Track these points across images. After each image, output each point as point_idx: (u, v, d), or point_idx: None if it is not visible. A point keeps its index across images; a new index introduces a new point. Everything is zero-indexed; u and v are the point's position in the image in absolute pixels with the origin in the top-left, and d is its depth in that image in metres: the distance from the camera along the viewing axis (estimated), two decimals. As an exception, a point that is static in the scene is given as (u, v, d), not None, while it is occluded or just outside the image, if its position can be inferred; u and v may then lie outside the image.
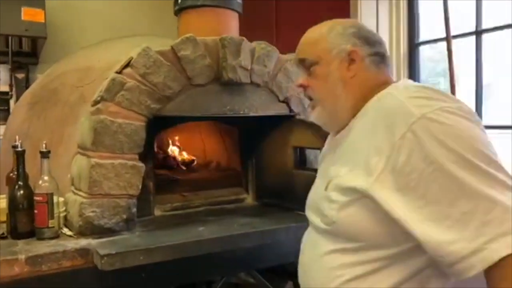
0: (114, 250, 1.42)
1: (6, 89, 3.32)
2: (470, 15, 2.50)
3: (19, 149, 1.56)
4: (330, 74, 1.06)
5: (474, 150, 0.81)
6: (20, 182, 1.54)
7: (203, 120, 2.04)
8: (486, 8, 2.47)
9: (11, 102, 3.31)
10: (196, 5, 1.92)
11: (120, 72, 1.64)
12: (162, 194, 2.03)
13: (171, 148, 2.56)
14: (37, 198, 1.51)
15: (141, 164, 1.67)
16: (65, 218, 1.66)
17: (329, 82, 1.07)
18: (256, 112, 1.96)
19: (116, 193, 1.61)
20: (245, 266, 1.82)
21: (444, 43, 2.45)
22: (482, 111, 2.49)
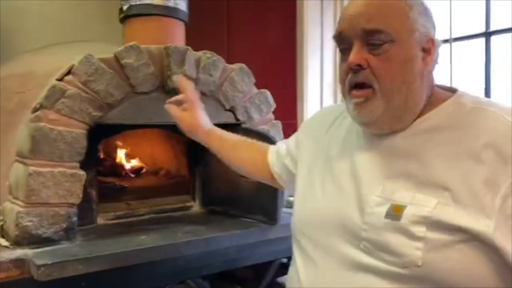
0: (51, 260, 1.39)
1: None
2: (479, 17, 2.33)
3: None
4: (410, 61, 0.82)
5: None
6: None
7: (147, 127, 2.03)
8: (494, 9, 2.29)
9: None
10: (140, 13, 1.92)
11: (61, 79, 1.62)
12: (107, 203, 2.00)
13: (119, 155, 2.53)
14: (-29, 207, 1.47)
15: (82, 172, 1.65)
16: (1, 227, 1.62)
17: (407, 70, 0.82)
18: (202, 120, 1.97)
19: (55, 201, 1.58)
20: (189, 273, 1.82)
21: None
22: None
